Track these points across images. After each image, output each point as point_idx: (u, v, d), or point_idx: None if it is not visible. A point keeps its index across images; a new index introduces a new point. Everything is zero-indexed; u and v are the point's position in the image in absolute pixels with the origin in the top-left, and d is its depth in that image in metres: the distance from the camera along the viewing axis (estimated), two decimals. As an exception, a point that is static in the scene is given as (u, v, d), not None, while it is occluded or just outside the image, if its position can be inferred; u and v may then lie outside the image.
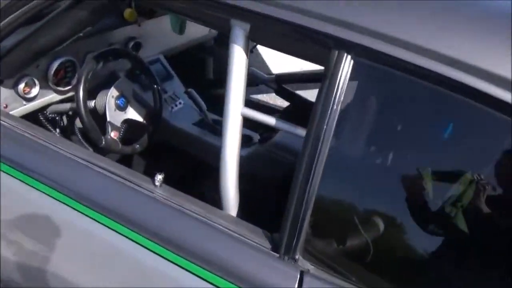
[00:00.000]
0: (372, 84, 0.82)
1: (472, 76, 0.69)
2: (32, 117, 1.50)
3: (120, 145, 1.52)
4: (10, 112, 1.38)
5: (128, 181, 1.00)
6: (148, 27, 1.85)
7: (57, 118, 1.63)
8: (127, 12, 1.67)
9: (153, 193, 0.98)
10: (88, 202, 0.98)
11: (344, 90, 0.78)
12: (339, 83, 0.78)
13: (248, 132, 1.73)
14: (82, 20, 1.14)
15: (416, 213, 0.80)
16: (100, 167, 1.03)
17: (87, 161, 1.04)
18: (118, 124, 1.55)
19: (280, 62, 2.50)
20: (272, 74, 2.33)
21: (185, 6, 0.96)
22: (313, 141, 0.80)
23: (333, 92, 0.78)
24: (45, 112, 1.59)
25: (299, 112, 2.26)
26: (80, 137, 1.61)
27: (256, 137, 1.75)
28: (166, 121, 1.80)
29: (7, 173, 1.07)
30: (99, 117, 1.51)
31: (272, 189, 1.44)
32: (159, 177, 0.99)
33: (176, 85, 1.95)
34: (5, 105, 1.37)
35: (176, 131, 1.81)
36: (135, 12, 1.68)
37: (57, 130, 1.66)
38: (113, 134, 1.50)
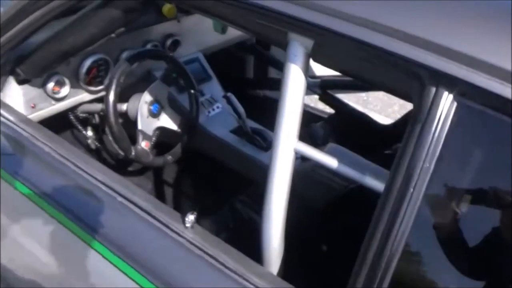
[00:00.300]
0: (481, 133, 0.62)
1: None
2: (61, 117, 1.40)
3: (151, 156, 1.39)
4: (39, 112, 1.27)
5: (154, 217, 0.84)
6: (188, 24, 1.69)
7: (88, 117, 1.51)
8: (166, 8, 1.52)
9: (182, 235, 0.82)
10: (103, 240, 0.84)
11: (443, 138, 0.58)
12: (435, 129, 0.58)
13: None
14: (115, 19, 0.99)
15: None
16: (122, 195, 0.88)
17: (107, 186, 0.90)
18: (150, 132, 1.42)
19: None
20: (316, 77, 2.14)
21: (235, 14, 0.79)
22: (398, 196, 0.61)
23: (427, 140, 0.58)
24: (75, 111, 1.47)
25: (345, 122, 2.06)
26: (111, 138, 1.48)
27: None
28: (202, 127, 1.65)
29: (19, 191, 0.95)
30: (130, 122, 1.38)
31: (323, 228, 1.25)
32: (190, 218, 0.83)
33: (214, 88, 1.78)
34: (33, 105, 1.26)
35: (211, 138, 1.66)
36: (175, 7, 1.53)
37: (88, 130, 1.55)
38: (144, 144, 1.37)
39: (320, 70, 2.30)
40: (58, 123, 1.41)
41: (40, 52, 1.03)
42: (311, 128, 1.98)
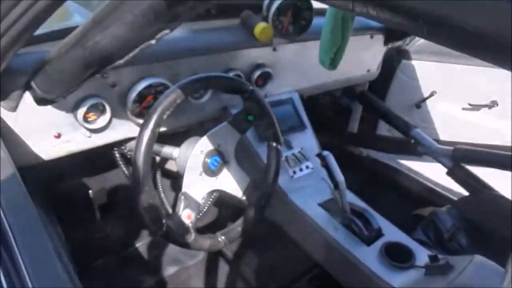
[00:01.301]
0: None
1: None
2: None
3: (192, 234, 0.94)
4: (65, 145, 0.94)
5: None
6: (286, 54, 1.29)
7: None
8: (260, 28, 1.14)
9: None
10: None
11: None
12: None
13: None
14: (155, 11, 0.59)
15: None
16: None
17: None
18: (200, 197, 0.99)
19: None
20: (446, 143, 1.59)
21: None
22: None
23: None
24: (123, 147, 1.12)
25: (481, 208, 1.46)
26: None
27: None
28: (281, 191, 1.19)
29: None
30: (176, 177, 0.97)
31: None
32: None
33: (307, 141, 1.34)
34: (57, 134, 0.93)
35: (289, 208, 1.19)
36: (271, 28, 1.15)
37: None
38: (185, 215, 0.93)
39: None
40: (97, 156, 1.08)
41: (57, 59, 0.70)
42: (435, 214, 1.42)
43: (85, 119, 0.94)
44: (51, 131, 0.91)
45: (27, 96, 0.84)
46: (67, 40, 0.68)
